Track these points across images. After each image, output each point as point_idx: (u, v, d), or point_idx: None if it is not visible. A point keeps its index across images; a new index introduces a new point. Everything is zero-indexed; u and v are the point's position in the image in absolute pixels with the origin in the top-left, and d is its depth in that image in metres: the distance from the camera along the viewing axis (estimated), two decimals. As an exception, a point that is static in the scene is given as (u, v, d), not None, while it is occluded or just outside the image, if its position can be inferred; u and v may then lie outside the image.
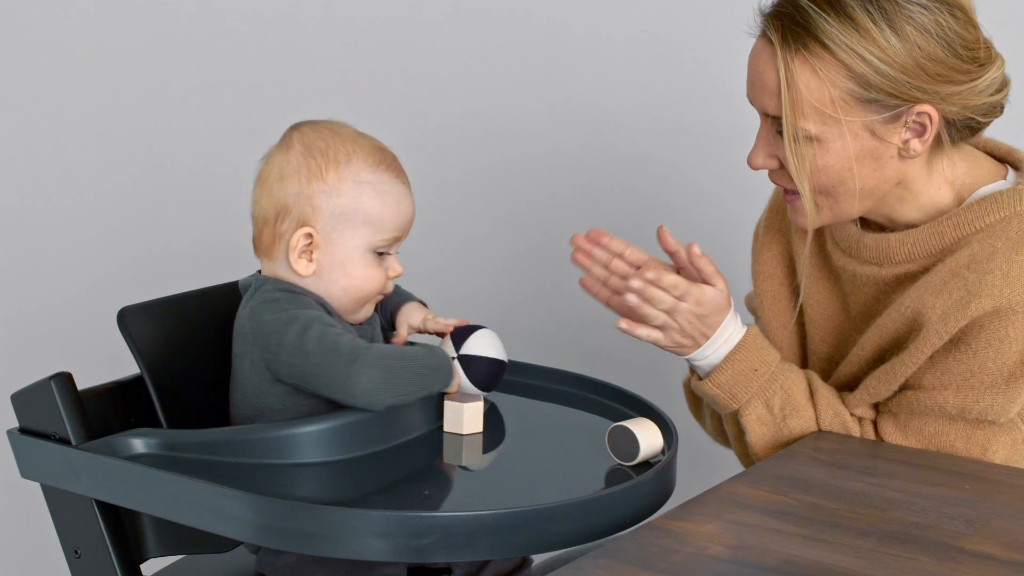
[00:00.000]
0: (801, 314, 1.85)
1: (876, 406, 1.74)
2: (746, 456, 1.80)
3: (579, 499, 1.46)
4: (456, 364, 1.66)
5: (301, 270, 1.61)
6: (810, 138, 1.64)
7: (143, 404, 1.66)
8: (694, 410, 1.95)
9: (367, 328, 1.69)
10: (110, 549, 1.60)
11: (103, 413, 1.65)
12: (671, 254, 1.73)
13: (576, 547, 1.50)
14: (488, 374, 1.67)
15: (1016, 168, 1.72)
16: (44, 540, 2.07)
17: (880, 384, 1.70)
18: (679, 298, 1.68)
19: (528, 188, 2.57)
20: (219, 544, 1.57)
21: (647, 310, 1.68)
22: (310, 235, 1.60)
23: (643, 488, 1.51)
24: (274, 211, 1.61)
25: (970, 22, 1.63)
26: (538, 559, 1.75)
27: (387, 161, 1.63)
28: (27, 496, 2.13)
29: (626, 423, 1.58)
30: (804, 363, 1.87)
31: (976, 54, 1.63)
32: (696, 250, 1.69)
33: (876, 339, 1.72)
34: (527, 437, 1.68)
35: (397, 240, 1.64)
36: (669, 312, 1.68)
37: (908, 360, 1.67)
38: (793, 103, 1.63)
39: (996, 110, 1.67)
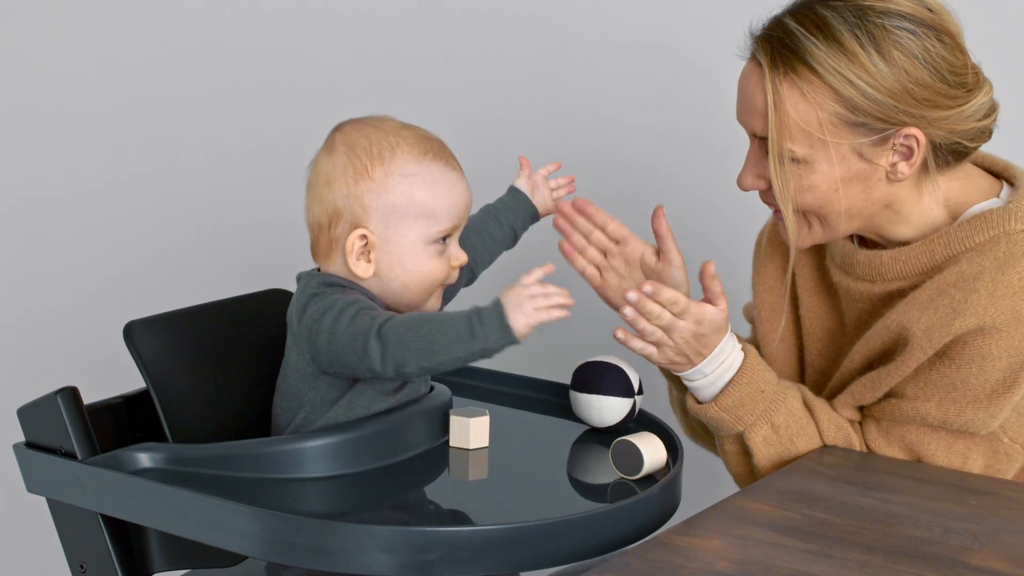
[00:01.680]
0: (799, 327, 1.86)
1: (861, 409, 1.75)
2: (746, 477, 1.78)
3: (584, 514, 1.46)
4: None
5: (361, 272, 1.59)
6: (797, 160, 1.65)
7: (149, 418, 1.66)
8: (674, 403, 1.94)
9: None
10: (116, 564, 1.60)
11: (109, 427, 1.65)
12: (659, 238, 1.73)
13: (581, 562, 1.50)
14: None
15: (1012, 184, 1.73)
16: (50, 555, 2.07)
17: (865, 390, 1.71)
18: (678, 315, 1.66)
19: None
20: (225, 559, 1.57)
21: (643, 325, 1.67)
22: (364, 236, 1.58)
23: (648, 503, 1.51)
24: (327, 217, 1.59)
25: (958, 48, 1.65)
26: (543, 574, 1.75)
27: (433, 150, 1.60)
28: (33, 510, 2.13)
29: (630, 437, 1.58)
30: (801, 375, 1.87)
31: (964, 79, 1.64)
32: (711, 270, 1.68)
33: (864, 352, 1.73)
34: (532, 452, 1.68)
35: (455, 228, 1.61)
36: (666, 329, 1.67)
37: (894, 371, 1.68)
38: (780, 125, 1.64)
39: (984, 135, 1.68)
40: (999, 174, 1.76)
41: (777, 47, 1.64)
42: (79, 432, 1.58)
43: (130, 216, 2.86)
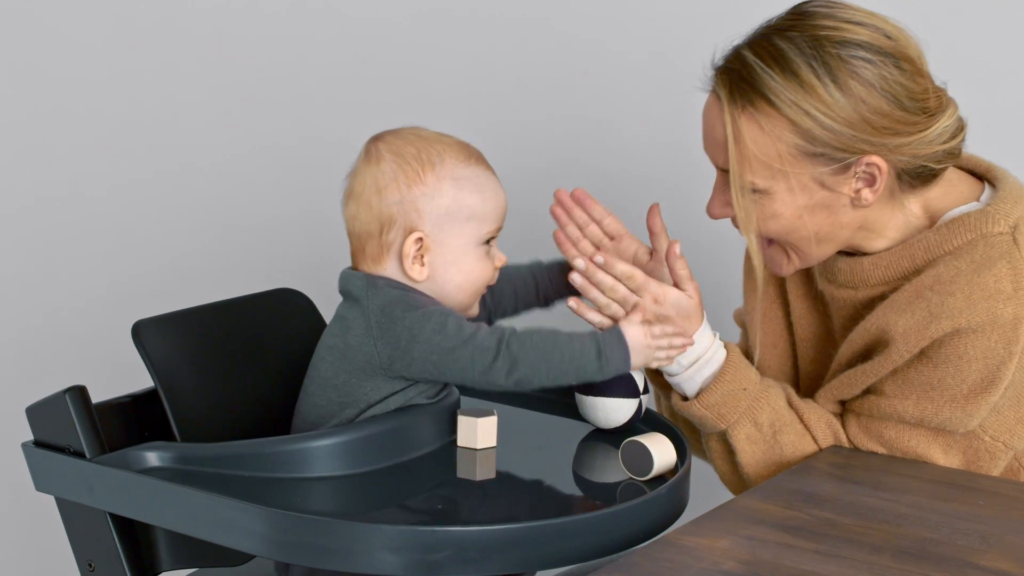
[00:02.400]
0: (793, 334, 1.87)
1: (842, 404, 1.76)
2: (731, 475, 1.79)
3: (592, 514, 1.46)
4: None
5: (416, 275, 1.61)
6: (759, 190, 1.66)
7: (157, 417, 1.66)
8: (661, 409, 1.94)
9: None
10: (124, 562, 1.60)
11: (117, 426, 1.65)
12: (652, 235, 1.74)
13: (589, 562, 1.50)
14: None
15: (994, 186, 1.73)
16: (58, 553, 2.08)
17: (843, 386, 1.72)
18: (634, 291, 1.67)
19: (531, 199, 2.57)
20: (232, 558, 1.57)
21: (594, 294, 1.68)
22: (420, 239, 1.60)
23: (656, 503, 1.51)
24: (378, 223, 1.61)
25: (918, 72, 1.64)
26: (551, 574, 1.75)
27: (475, 155, 1.65)
28: (41, 509, 2.14)
29: (640, 438, 1.58)
30: (796, 382, 1.87)
31: (925, 104, 1.64)
32: (676, 250, 1.68)
33: (848, 354, 1.74)
34: (540, 452, 1.68)
35: (499, 230, 1.65)
36: (623, 304, 1.67)
37: (871, 371, 1.69)
38: (740, 158, 1.65)
39: (951, 156, 1.68)
40: (982, 175, 1.76)
41: (735, 80, 1.65)
42: (87, 431, 1.58)
43: (138, 217, 2.86)
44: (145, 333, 1.65)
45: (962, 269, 1.64)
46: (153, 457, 1.57)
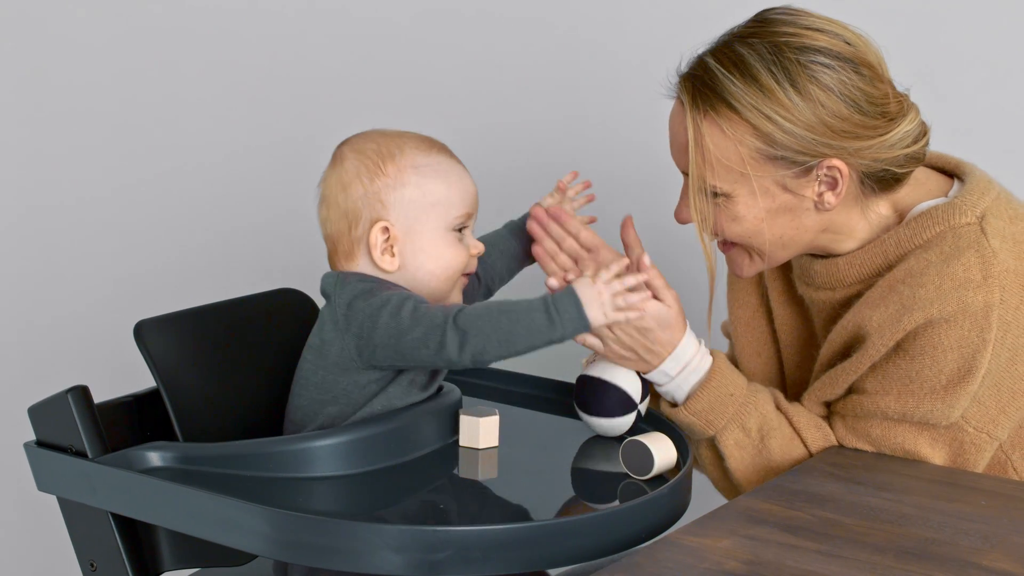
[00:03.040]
0: (777, 340, 1.87)
1: (828, 405, 1.76)
2: (723, 481, 1.79)
3: (594, 514, 1.47)
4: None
5: (387, 266, 1.62)
6: (721, 194, 1.68)
7: (159, 417, 1.66)
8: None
9: None
10: (126, 562, 1.60)
11: (119, 426, 1.65)
12: (627, 248, 1.75)
13: (591, 562, 1.50)
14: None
15: (963, 181, 1.74)
16: (60, 553, 2.08)
17: (825, 387, 1.73)
18: None
19: (531, 198, 2.57)
20: (234, 557, 1.57)
21: None
22: (387, 228, 1.62)
23: (658, 503, 1.51)
24: (346, 221, 1.63)
25: (877, 78, 1.66)
26: (553, 574, 1.75)
27: (437, 145, 1.66)
28: (44, 509, 2.14)
29: (640, 437, 1.58)
30: (783, 388, 1.88)
31: (884, 109, 1.66)
32: (646, 261, 1.69)
33: (829, 354, 1.76)
34: (542, 451, 1.68)
35: (469, 216, 1.66)
36: None
37: (850, 368, 1.70)
38: (703, 161, 1.67)
39: (914, 160, 1.69)
40: (951, 172, 1.77)
41: (698, 86, 1.67)
42: (90, 431, 1.58)
43: (140, 217, 2.86)
44: (147, 333, 1.65)
45: (932, 260, 1.65)
46: (155, 457, 1.57)
